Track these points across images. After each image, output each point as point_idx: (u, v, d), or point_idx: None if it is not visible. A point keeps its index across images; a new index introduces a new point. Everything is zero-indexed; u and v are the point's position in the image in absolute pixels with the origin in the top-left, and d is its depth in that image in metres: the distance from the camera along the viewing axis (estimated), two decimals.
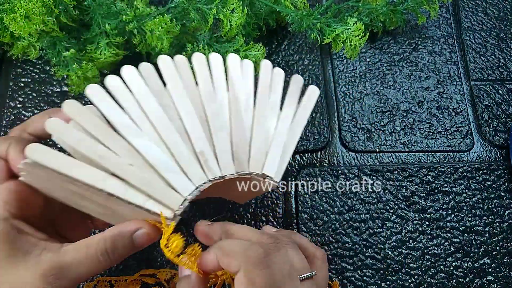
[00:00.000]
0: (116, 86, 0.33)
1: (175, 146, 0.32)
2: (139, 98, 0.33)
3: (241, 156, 0.34)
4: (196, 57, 0.37)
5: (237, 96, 0.37)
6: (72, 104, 0.31)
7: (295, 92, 0.40)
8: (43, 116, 0.34)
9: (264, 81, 0.39)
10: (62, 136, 0.30)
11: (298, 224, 0.46)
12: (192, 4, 0.46)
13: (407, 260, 0.45)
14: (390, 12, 0.53)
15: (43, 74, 0.52)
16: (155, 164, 0.31)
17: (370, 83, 0.53)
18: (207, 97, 0.35)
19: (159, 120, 0.32)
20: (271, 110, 0.38)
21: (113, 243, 0.30)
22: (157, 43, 0.45)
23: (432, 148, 0.50)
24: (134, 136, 0.31)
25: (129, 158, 0.31)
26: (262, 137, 0.36)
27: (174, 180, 0.31)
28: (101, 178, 0.29)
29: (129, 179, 0.30)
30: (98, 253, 0.29)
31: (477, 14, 0.58)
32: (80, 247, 0.29)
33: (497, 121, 0.52)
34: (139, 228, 0.30)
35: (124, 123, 0.32)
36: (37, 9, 0.43)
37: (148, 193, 0.30)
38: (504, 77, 0.55)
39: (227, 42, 0.48)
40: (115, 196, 0.29)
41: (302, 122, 0.39)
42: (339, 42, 0.48)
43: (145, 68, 0.34)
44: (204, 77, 0.36)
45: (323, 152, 0.50)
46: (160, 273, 0.42)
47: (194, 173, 0.32)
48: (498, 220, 0.47)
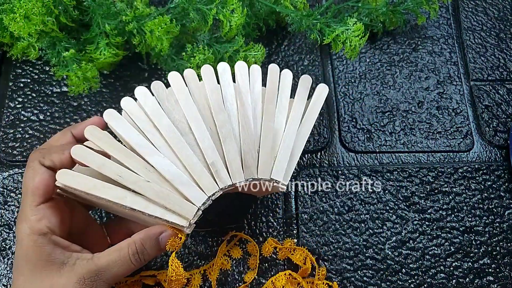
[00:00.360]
0: (131, 108, 0.36)
1: (187, 159, 0.35)
2: (153, 117, 0.36)
3: (250, 163, 0.36)
4: (204, 69, 0.39)
5: (245, 104, 0.38)
6: (93, 129, 0.35)
7: (303, 93, 0.41)
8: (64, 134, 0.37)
9: (272, 86, 0.40)
10: (87, 162, 0.34)
11: (298, 225, 0.46)
12: (192, 4, 0.45)
13: (407, 261, 0.45)
14: (390, 12, 0.53)
15: (42, 75, 0.52)
16: (170, 179, 0.34)
17: (370, 83, 0.53)
18: (215, 107, 0.38)
19: (172, 136, 0.35)
20: (279, 114, 0.39)
21: (141, 245, 0.33)
22: (157, 43, 0.45)
23: (432, 149, 0.50)
24: (150, 155, 0.35)
25: (146, 175, 0.34)
26: (270, 142, 0.38)
27: (188, 192, 0.34)
28: (123, 196, 0.33)
29: (148, 194, 0.33)
30: (130, 254, 0.33)
31: (477, 14, 0.58)
32: (111, 251, 0.33)
33: (497, 121, 0.52)
34: (163, 231, 0.34)
35: (140, 143, 0.35)
36: (36, 9, 0.43)
37: (165, 206, 0.33)
38: (504, 77, 0.55)
39: (227, 42, 0.48)
40: (137, 210, 0.33)
41: (310, 123, 0.40)
42: (339, 42, 0.48)
43: (156, 86, 0.37)
44: (212, 88, 0.38)
45: (323, 153, 0.50)
46: (160, 274, 0.42)
47: (206, 184, 0.35)
48: (498, 220, 0.47)
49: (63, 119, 0.50)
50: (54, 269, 0.32)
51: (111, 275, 0.33)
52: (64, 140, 0.37)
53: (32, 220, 0.32)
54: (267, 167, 0.37)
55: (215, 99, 0.38)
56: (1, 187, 0.46)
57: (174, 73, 0.38)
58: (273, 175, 0.37)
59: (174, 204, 0.33)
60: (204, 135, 0.36)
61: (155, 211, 0.33)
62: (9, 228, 0.45)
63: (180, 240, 0.34)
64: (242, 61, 0.40)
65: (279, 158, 0.37)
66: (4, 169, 0.47)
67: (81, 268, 0.32)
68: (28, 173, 0.34)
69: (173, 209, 0.33)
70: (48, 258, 0.32)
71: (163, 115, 0.36)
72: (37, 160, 0.34)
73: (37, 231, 0.32)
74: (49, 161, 0.34)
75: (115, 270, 0.33)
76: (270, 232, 0.46)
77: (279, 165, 0.37)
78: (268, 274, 0.44)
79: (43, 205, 0.33)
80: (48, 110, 0.50)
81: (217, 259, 0.43)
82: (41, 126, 0.49)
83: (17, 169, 0.47)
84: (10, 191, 0.46)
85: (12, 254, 0.44)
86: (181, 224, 0.33)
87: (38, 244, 0.32)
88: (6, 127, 0.49)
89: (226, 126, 0.37)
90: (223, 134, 0.37)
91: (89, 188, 0.33)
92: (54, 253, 0.32)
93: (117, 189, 0.33)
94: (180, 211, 0.33)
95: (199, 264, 0.44)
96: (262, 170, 0.36)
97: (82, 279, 0.32)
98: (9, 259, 0.44)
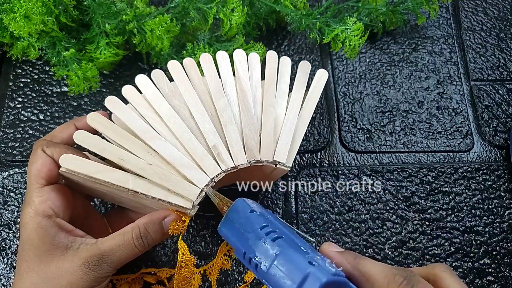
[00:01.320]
0: (132, 95, 0.37)
1: (189, 143, 0.35)
2: (153, 103, 0.36)
3: (252, 145, 0.37)
4: (203, 57, 0.39)
5: (245, 90, 0.39)
6: (95, 116, 0.35)
7: (302, 78, 0.42)
8: (68, 126, 0.38)
9: (271, 72, 0.41)
10: (88, 146, 0.34)
11: (298, 225, 0.46)
12: (192, 3, 0.45)
13: (407, 261, 0.45)
14: (390, 12, 0.53)
15: (42, 74, 0.52)
16: (172, 162, 0.34)
17: (370, 83, 0.53)
18: (215, 93, 0.38)
19: (173, 121, 0.36)
20: (280, 98, 0.40)
21: (145, 229, 0.34)
22: (157, 42, 0.45)
23: (432, 149, 0.50)
24: (151, 139, 0.35)
25: (149, 158, 0.34)
26: (272, 125, 0.38)
27: (191, 174, 0.34)
28: (125, 179, 0.33)
29: (150, 177, 0.34)
30: (134, 238, 0.33)
31: (477, 14, 0.58)
32: (115, 235, 0.33)
33: (497, 121, 0.52)
34: (167, 216, 0.34)
35: (142, 128, 0.35)
36: (36, 9, 0.43)
37: (168, 188, 0.33)
38: (504, 77, 0.55)
39: (227, 41, 0.48)
40: (140, 193, 0.33)
41: (311, 106, 0.41)
42: (339, 41, 0.48)
43: (156, 74, 0.38)
44: (211, 75, 0.39)
45: (323, 153, 0.50)
46: (160, 272, 0.42)
47: (209, 166, 0.35)
48: (498, 220, 0.47)
49: (63, 119, 0.50)
50: (58, 253, 0.32)
51: (115, 259, 0.33)
52: (68, 132, 0.37)
53: (36, 202, 0.33)
54: (269, 150, 0.37)
55: (214, 85, 0.38)
56: (1, 187, 0.46)
57: (173, 62, 0.39)
58: (276, 157, 0.37)
59: (177, 186, 0.34)
60: (205, 119, 0.36)
61: (158, 193, 0.33)
62: (9, 228, 0.45)
63: (183, 224, 0.34)
64: (241, 49, 0.41)
65: (281, 141, 0.38)
66: (4, 169, 0.47)
67: (85, 252, 0.32)
68: (31, 158, 0.34)
69: (176, 191, 0.34)
70: (52, 241, 0.32)
71: (163, 100, 0.37)
72: (40, 148, 0.34)
73: (42, 212, 0.32)
74: (51, 152, 0.34)
75: (118, 254, 0.33)
76: None
77: (282, 148, 0.38)
78: None
79: (47, 187, 0.33)
80: (48, 110, 0.50)
81: (217, 259, 0.43)
82: (41, 126, 0.49)
83: (17, 169, 0.47)
84: (10, 191, 0.46)
85: (12, 254, 0.44)
86: (184, 206, 0.34)
87: (42, 226, 0.32)
88: (6, 127, 0.49)
89: (227, 111, 0.37)
90: (224, 118, 0.37)
91: (92, 172, 0.33)
92: (58, 236, 0.32)
93: (120, 172, 0.33)
94: (183, 192, 0.34)
95: (199, 264, 0.44)
96: (265, 152, 0.37)
97: (87, 263, 0.32)
98: (9, 259, 0.44)
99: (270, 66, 0.41)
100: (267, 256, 0.28)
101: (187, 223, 0.34)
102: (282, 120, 0.39)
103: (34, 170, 0.34)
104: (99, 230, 0.40)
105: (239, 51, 0.41)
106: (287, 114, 0.39)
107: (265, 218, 0.31)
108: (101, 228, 0.40)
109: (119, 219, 0.41)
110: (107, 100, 0.36)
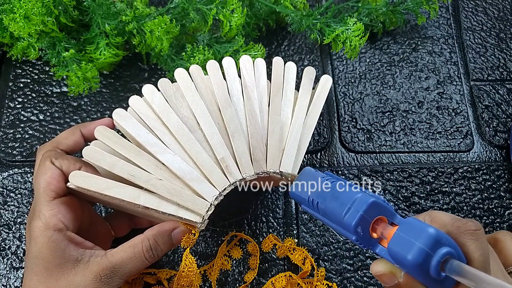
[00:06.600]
0: (139, 106, 0.37)
1: (197, 156, 0.35)
2: (161, 114, 0.36)
3: (259, 157, 0.37)
4: (210, 64, 0.39)
5: (251, 98, 0.39)
6: (103, 130, 0.35)
7: (308, 85, 0.42)
8: (74, 132, 0.38)
9: (277, 80, 0.41)
10: (98, 162, 0.34)
11: (298, 225, 0.46)
12: (192, 4, 0.45)
13: None
14: (390, 12, 0.53)
15: (42, 75, 0.52)
16: (181, 176, 0.34)
17: (370, 83, 0.53)
18: (223, 102, 0.38)
19: (181, 133, 0.36)
20: (285, 107, 0.40)
21: (155, 241, 0.34)
22: (157, 43, 0.45)
23: (432, 149, 0.50)
24: (160, 153, 0.35)
25: (158, 173, 0.34)
26: (278, 135, 0.38)
27: (200, 188, 0.34)
28: (136, 195, 0.33)
29: (160, 192, 0.34)
30: (144, 250, 0.33)
31: (477, 14, 0.58)
32: (125, 248, 0.33)
33: (497, 121, 0.52)
34: (176, 227, 0.34)
35: (150, 142, 0.35)
36: (36, 10, 0.43)
37: (178, 203, 0.34)
38: (504, 77, 0.54)
39: (227, 42, 0.48)
40: (150, 209, 0.33)
41: (316, 115, 0.41)
42: (339, 42, 0.48)
43: (162, 84, 0.38)
44: (218, 83, 0.39)
45: (323, 153, 0.50)
46: (160, 273, 0.42)
47: (217, 179, 0.35)
48: (498, 220, 0.47)
49: (63, 119, 0.50)
50: (68, 267, 0.32)
51: (126, 271, 0.33)
52: (73, 139, 0.37)
53: (47, 216, 0.32)
54: (275, 160, 0.37)
55: (221, 94, 0.38)
56: (1, 187, 0.46)
57: (180, 70, 0.38)
58: (282, 167, 0.37)
59: (186, 200, 0.34)
60: (213, 131, 0.36)
61: (169, 208, 0.33)
62: (8, 228, 0.45)
63: (194, 236, 0.35)
64: (247, 55, 0.41)
65: (287, 150, 0.38)
66: (4, 169, 0.47)
67: (96, 266, 0.32)
68: (39, 169, 0.34)
69: (186, 206, 0.34)
70: (62, 255, 0.32)
71: (172, 112, 0.36)
72: (49, 159, 0.34)
73: (53, 226, 0.32)
74: (60, 164, 0.34)
75: (130, 267, 0.33)
76: (270, 232, 0.46)
77: (288, 158, 0.38)
78: (268, 274, 0.44)
79: (57, 200, 0.33)
80: (48, 110, 0.50)
81: (217, 259, 0.43)
82: (41, 126, 0.49)
83: (17, 169, 0.47)
84: (10, 191, 0.46)
85: (11, 254, 0.44)
86: (194, 220, 0.34)
87: (53, 240, 0.32)
88: (6, 127, 0.49)
89: (234, 121, 0.37)
90: (231, 129, 0.37)
91: (102, 189, 0.33)
92: (68, 249, 0.32)
93: (130, 188, 0.33)
94: (193, 207, 0.34)
95: (199, 264, 0.44)
96: (271, 163, 0.37)
97: (98, 276, 0.32)
98: (9, 259, 0.44)
99: (276, 74, 0.41)
100: (325, 194, 0.32)
101: (197, 236, 0.35)
102: (288, 128, 0.39)
103: (44, 182, 0.33)
104: (103, 234, 0.40)
105: (246, 58, 0.40)
106: (293, 123, 0.39)
107: (324, 173, 0.35)
108: (105, 232, 0.40)
109: (120, 220, 0.41)
110: (115, 113, 0.36)
